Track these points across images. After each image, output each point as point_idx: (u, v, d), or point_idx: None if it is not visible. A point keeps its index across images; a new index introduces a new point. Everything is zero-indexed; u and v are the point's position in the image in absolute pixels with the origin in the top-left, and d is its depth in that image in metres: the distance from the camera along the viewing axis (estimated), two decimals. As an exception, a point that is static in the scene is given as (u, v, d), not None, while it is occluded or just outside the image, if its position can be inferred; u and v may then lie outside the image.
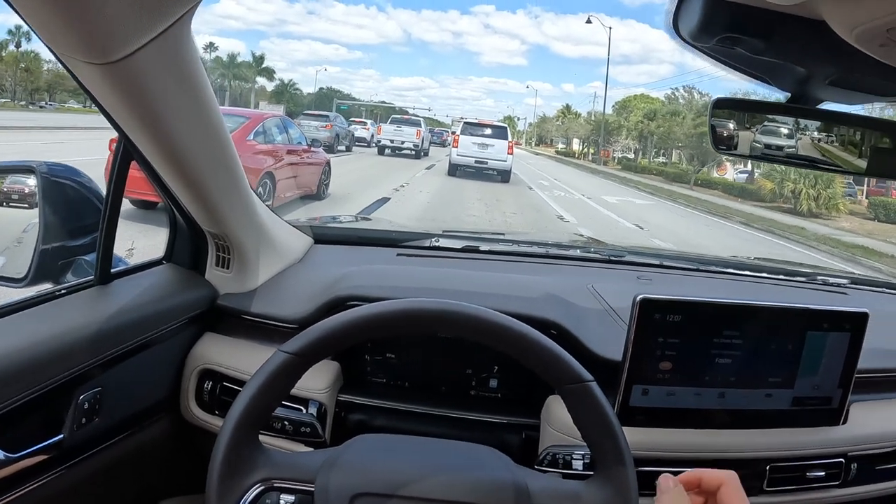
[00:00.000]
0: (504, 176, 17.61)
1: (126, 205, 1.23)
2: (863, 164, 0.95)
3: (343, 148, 22.19)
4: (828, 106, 0.96)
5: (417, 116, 29.40)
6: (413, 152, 23.59)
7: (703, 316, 1.03)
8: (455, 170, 17.62)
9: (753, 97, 0.98)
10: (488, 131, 18.22)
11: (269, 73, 53.26)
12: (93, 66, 0.76)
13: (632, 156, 42.48)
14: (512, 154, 17.91)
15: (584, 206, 14.54)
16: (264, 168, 7.53)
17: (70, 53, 0.75)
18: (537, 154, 50.67)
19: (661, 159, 40.82)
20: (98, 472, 1.03)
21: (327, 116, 23.07)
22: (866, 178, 24.23)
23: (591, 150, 48.61)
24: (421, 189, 13.33)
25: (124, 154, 1.04)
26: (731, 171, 32.67)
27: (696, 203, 19.18)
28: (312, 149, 9.78)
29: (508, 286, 1.32)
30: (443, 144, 29.47)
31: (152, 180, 1.11)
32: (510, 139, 18.15)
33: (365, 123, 31.71)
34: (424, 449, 0.84)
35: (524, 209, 12.26)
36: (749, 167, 30.08)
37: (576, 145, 57.67)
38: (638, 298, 1.00)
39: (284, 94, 57.02)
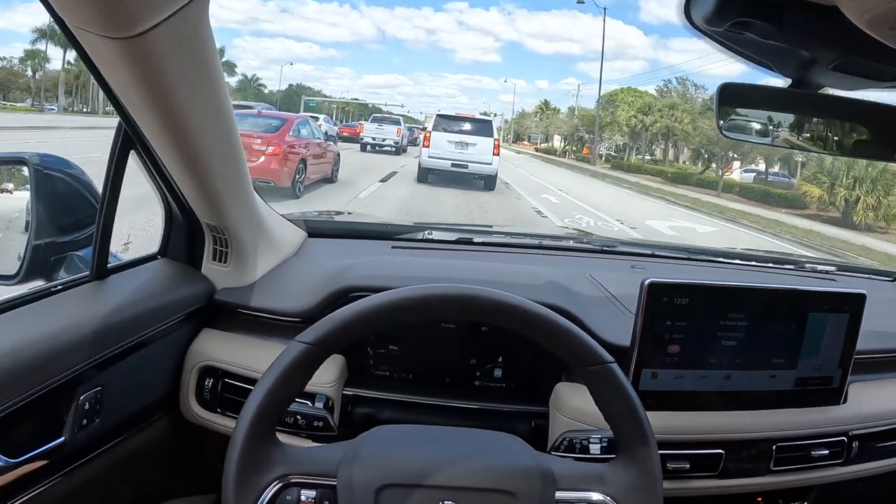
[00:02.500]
0: (489, 182, 13.90)
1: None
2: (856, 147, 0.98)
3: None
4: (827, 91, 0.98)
5: (397, 115, 28.91)
6: (393, 149, 23.30)
7: (709, 299, 1.04)
8: (426, 175, 13.90)
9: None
10: (468, 126, 14.14)
11: (230, 68, 50.93)
12: (108, 41, 0.73)
13: (620, 153, 40.77)
14: (498, 155, 13.87)
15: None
16: (300, 156, 9.82)
17: (85, 26, 0.72)
18: (519, 152, 49.57)
19: (647, 157, 39.76)
20: (99, 475, 1.01)
21: (249, 108, 17.54)
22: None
23: (574, 148, 47.93)
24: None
25: (123, 143, 1.02)
26: (737, 171, 29.72)
27: (771, 226, 14.05)
28: (328, 142, 12.17)
29: (511, 274, 1.32)
30: (413, 143, 25.74)
31: (151, 170, 1.09)
32: (496, 136, 14.06)
33: (317, 118, 24.27)
34: (445, 438, 0.84)
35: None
36: (759, 167, 27.99)
37: (556, 142, 57.28)
38: (646, 282, 1.02)
39: (248, 89, 54.88)
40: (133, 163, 1.08)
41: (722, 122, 0.93)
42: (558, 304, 1.16)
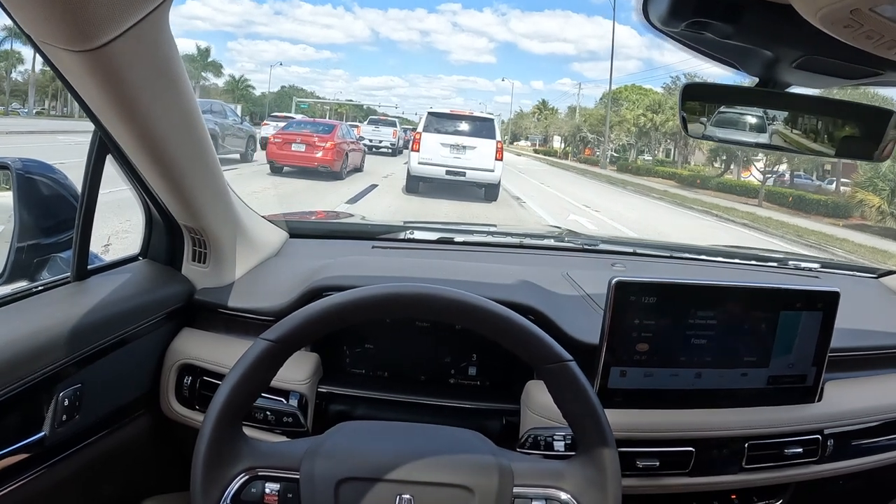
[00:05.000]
0: (490, 192, 11.89)
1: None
2: (832, 147, 0.98)
3: (237, 155, 14.71)
4: (795, 90, 0.99)
5: (392, 117, 29.25)
6: (390, 150, 23.76)
7: (677, 297, 1.05)
8: (416, 184, 11.93)
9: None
10: (465, 126, 11.97)
11: (216, 68, 50.35)
12: (72, 54, 0.75)
13: (624, 154, 39.02)
14: (501, 160, 11.72)
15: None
16: (345, 150, 14.19)
17: (49, 41, 0.75)
18: (519, 154, 48.66)
19: (650, 157, 38.28)
20: (80, 470, 1.02)
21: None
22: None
23: (574, 149, 47.29)
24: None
25: (100, 148, 1.04)
26: (755, 172, 26.03)
27: (880, 257, 11.14)
28: (358, 142, 16.79)
29: (485, 274, 1.33)
30: (408, 144, 25.05)
31: (128, 175, 1.11)
32: (498, 138, 11.96)
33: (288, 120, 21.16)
34: (407, 434, 0.85)
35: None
36: (780, 169, 25.78)
37: (555, 143, 56.84)
38: (613, 281, 1.02)
39: (236, 91, 54.59)
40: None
41: (688, 123, 0.94)
42: (526, 303, 1.17)
